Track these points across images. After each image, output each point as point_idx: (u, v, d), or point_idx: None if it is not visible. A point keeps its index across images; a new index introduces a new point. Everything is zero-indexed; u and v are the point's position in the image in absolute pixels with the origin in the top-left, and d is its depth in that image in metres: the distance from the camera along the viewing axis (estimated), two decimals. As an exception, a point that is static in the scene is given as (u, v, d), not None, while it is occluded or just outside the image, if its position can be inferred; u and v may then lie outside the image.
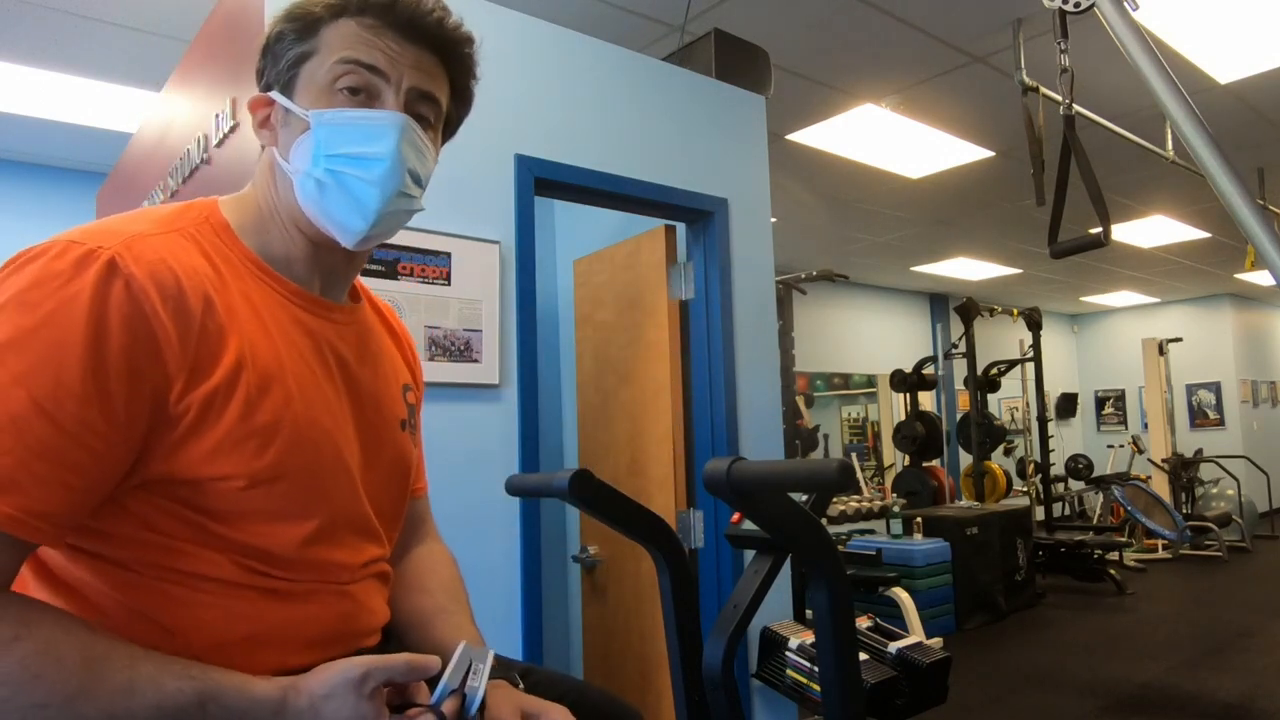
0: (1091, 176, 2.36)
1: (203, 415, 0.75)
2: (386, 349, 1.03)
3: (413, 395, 1.04)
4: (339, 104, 0.84)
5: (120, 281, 0.71)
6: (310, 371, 0.85)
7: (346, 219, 0.86)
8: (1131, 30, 1.35)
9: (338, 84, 0.84)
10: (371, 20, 0.84)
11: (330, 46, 0.84)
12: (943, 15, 3.35)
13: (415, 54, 0.86)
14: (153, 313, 0.72)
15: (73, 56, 3.30)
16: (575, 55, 2.43)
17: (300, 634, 0.82)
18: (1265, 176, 5.40)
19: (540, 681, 1.05)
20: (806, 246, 7.11)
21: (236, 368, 0.77)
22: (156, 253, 0.75)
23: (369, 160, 0.84)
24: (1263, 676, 3.92)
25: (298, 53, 0.85)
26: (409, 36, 0.86)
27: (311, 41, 0.85)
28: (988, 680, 4.08)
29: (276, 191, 0.88)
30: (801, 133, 4.45)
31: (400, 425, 0.98)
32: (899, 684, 2.01)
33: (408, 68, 0.86)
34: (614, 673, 2.82)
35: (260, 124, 0.89)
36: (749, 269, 2.70)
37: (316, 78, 0.84)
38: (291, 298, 0.87)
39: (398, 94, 0.85)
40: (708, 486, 0.83)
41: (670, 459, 2.58)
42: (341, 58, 0.84)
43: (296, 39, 0.85)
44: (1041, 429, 7.13)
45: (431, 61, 0.88)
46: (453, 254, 2.07)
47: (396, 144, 0.84)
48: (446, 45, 0.89)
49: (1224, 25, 3.51)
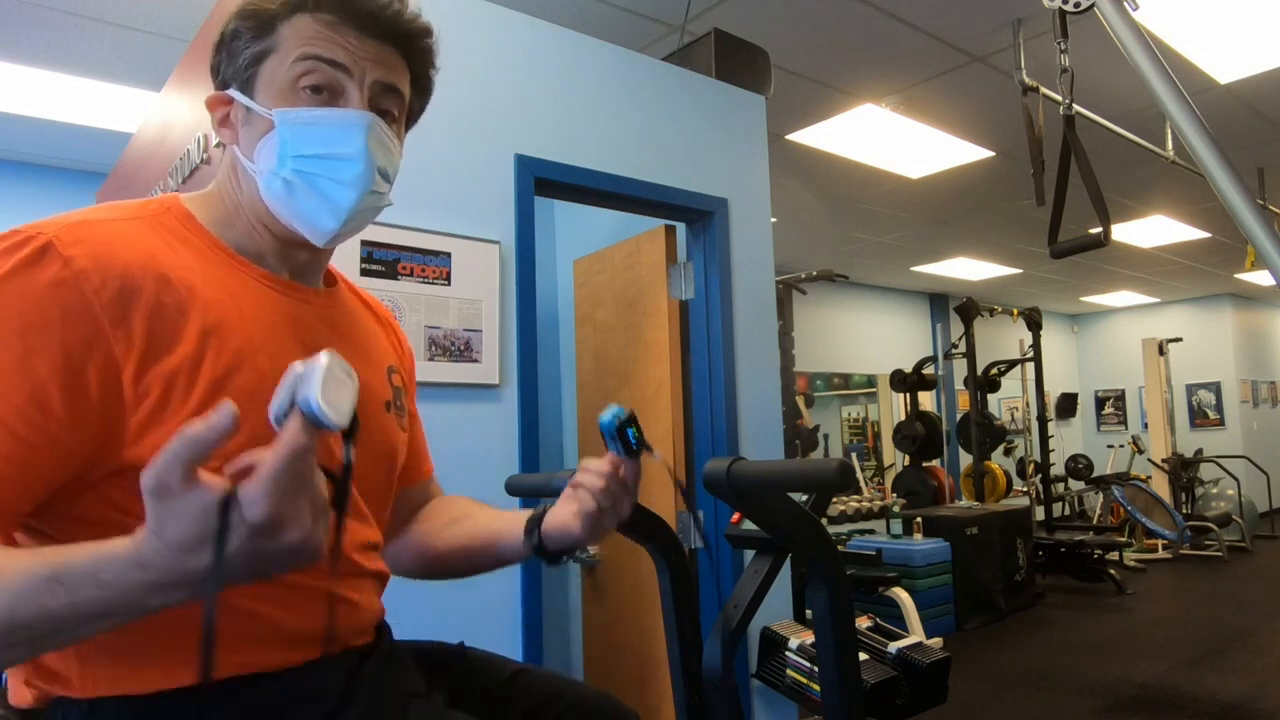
0: (1091, 176, 2.36)
1: (166, 394, 0.73)
2: (368, 329, 1.01)
3: (398, 378, 1.01)
4: (302, 102, 0.83)
5: (54, 266, 0.69)
6: (285, 351, 0.83)
7: (317, 218, 0.85)
8: (1131, 30, 1.35)
9: (300, 82, 0.83)
10: (328, 15, 0.83)
11: (289, 44, 0.83)
12: (943, 15, 3.35)
13: (375, 48, 0.86)
14: (93, 293, 0.70)
15: (73, 56, 3.30)
16: (575, 55, 2.43)
17: (286, 630, 0.80)
18: (1265, 176, 5.40)
19: (536, 681, 1.05)
20: (806, 246, 7.11)
21: (200, 344, 0.75)
22: (100, 235, 0.74)
23: (338, 160, 0.84)
24: (1263, 676, 3.92)
25: (255, 51, 0.84)
26: (368, 31, 0.85)
27: (269, 39, 0.83)
28: (988, 680, 4.08)
29: (240, 189, 0.87)
30: (801, 133, 4.45)
31: (385, 406, 0.96)
32: (899, 684, 2.00)
33: (369, 62, 0.85)
34: (614, 673, 2.82)
35: (220, 122, 0.88)
36: (749, 269, 2.70)
37: (277, 76, 0.83)
38: (263, 280, 0.86)
39: (361, 90, 0.84)
40: (708, 486, 0.83)
41: (670, 459, 2.58)
42: (302, 54, 0.82)
43: (254, 37, 0.84)
44: (1041, 429, 7.13)
45: (392, 54, 0.87)
46: (453, 254, 2.07)
47: (364, 143, 0.84)
48: (405, 37, 0.88)
49: (1224, 25, 3.51)
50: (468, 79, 2.17)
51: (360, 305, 1.04)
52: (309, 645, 0.81)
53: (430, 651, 1.04)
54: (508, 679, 1.04)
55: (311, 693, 0.80)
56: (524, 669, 1.07)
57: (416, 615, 1.29)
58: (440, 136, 2.07)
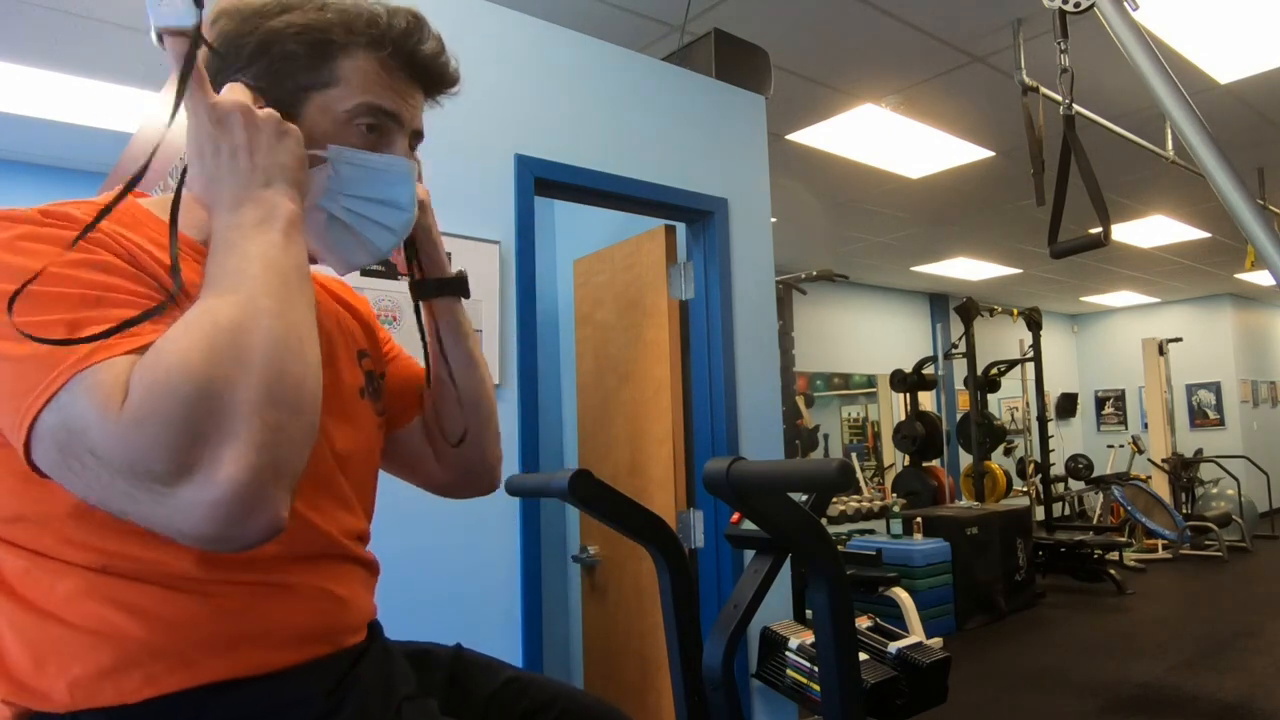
0: (1091, 176, 2.36)
1: None
2: (336, 316, 1.00)
3: (369, 363, 1.01)
4: (356, 141, 0.83)
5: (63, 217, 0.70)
6: None
7: (351, 255, 0.87)
8: (1131, 30, 1.35)
9: (356, 121, 0.82)
10: (392, 60, 0.83)
11: (351, 84, 0.82)
12: (943, 15, 3.35)
13: (417, 95, 0.87)
14: (110, 236, 0.71)
15: (73, 56, 3.30)
16: (575, 55, 2.43)
17: (274, 631, 0.78)
18: (1265, 176, 5.40)
19: (532, 686, 1.05)
20: (806, 246, 7.11)
21: None
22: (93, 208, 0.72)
23: (389, 207, 0.85)
24: (1263, 676, 3.92)
25: (311, 80, 0.81)
26: (416, 77, 0.86)
27: (328, 71, 0.81)
28: (988, 680, 4.08)
29: None
30: (801, 133, 4.45)
31: (359, 393, 0.96)
32: (899, 684, 2.00)
33: (414, 110, 0.87)
34: (614, 673, 2.82)
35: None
36: (749, 269, 2.70)
37: (332, 110, 0.82)
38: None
39: (405, 137, 0.86)
40: (708, 486, 0.83)
41: (670, 459, 2.58)
42: (365, 104, 0.82)
43: (310, 66, 0.81)
44: (1041, 429, 7.13)
45: (422, 99, 0.89)
46: (453, 254, 2.07)
47: (413, 192, 0.86)
48: (439, 86, 0.90)
49: (1224, 25, 3.51)
50: (468, 79, 2.15)
51: (323, 292, 1.01)
52: (298, 646, 0.80)
53: (425, 653, 1.03)
54: (503, 684, 1.03)
55: (300, 697, 0.78)
56: (520, 673, 1.07)
57: (416, 615, 1.29)
58: (440, 136, 2.06)
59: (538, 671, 1.86)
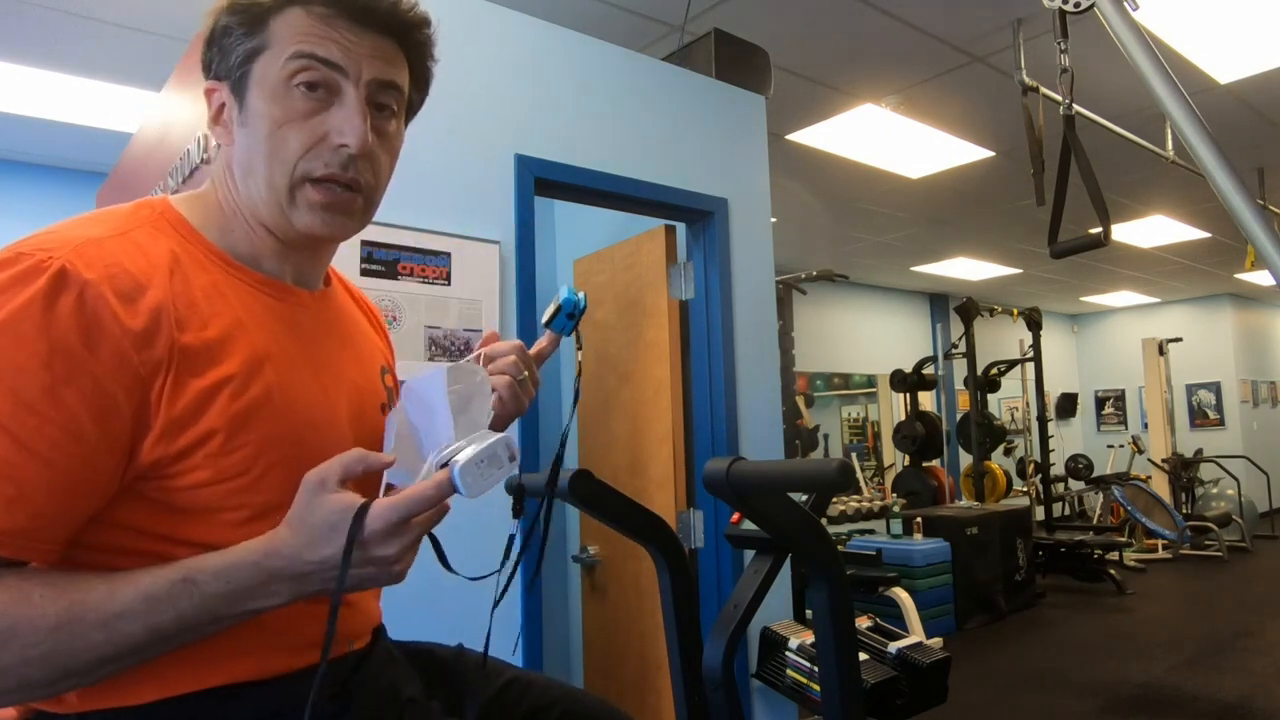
0: (1091, 176, 2.36)
1: (189, 408, 0.72)
2: (363, 331, 1.00)
3: (390, 378, 1.00)
4: (296, 101, 0.80)
5: (72, 292, 0.67)
6: (290, 361, 0.82)
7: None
8: (1131, 30, 1.35)
9: (294, 80, 0.79)
10: (322, 9, 0.79)
11: (281, 39, 0.79)
12: (943, 15, 3.35)
13: (372, 41, 0.82)
14: (113, 318, 0.68)
15: (73, 56, 3.30)
16: (576, 55, 2.43)
17: (282, 636, 0.78)
18: (1265, 176, 5.40)
19: (533, 687, 1.05)
20: (806, 246, 7.11)
21: (215, 358, 0.75)
22: (111, 256, 0.72)
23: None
24: (1263, 676, 3.92)
25: (247, 48, 0.80)
26: (363, 22, 0.81)
27: (261, 35, 0.80)
28: (988, 680, 4.08)
29: (238, 192, 0.84)
30: (801, 133, 4.45)
31: (380, 409, 0.96)
32: (899, 684, 2.00)
33: (366, 58, 0.81)
34: (614, 673, 2.82)
35: (214, 119, 0.85)
36: (749, 269, 2.70)
37: (270, 74, 0.79)
38: (262, 288, 0.84)
39: (358, 88, 0.81)
40: (708, 486, 0.83)
41: (670, 459, 2.57)
42: (295, 51, 0.79)
43: (245, 33, 0.80)
44: (1041, 429, 7.13)
45: (389, 46, 0.84)
46: (453, 254, 2.07)
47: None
48: (403, 29, 0.84)
49: (1224, 25, 3.51)
50: (468, 79, 2.17)
51: (352, 304, 1.02)
52: (305, 651, 0.80)
53: (427, 653, 1.03)
54: (504, 685, 1.04)
55: (305, 699, 0.78)
56: (521, 674, 1.07)
57: (416, 615, 1.29)
58: (440, 136, 2.07)
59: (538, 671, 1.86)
